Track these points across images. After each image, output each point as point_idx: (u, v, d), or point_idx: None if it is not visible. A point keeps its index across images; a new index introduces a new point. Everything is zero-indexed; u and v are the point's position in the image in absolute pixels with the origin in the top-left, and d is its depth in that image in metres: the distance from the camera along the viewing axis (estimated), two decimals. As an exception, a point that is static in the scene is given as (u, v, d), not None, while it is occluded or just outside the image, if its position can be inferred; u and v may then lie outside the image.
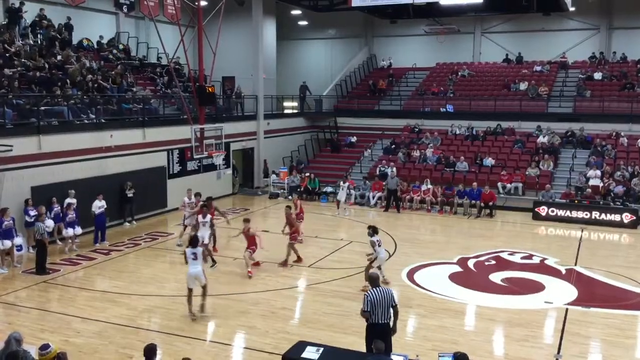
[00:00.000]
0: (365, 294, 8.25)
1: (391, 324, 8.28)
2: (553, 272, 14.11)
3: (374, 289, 8.24)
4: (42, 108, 16.56)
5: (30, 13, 21.45)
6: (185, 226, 16.26)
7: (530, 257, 15.42)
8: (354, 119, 29.67)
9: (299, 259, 14.60)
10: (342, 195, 21.33)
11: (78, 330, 10.31)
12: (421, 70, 32.44)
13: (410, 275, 13.73)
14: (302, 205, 17.17)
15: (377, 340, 7.53)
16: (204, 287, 11.09)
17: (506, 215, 20.84)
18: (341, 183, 22.01)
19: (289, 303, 12.02)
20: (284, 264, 14.33)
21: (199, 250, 10.97)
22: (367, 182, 23.34)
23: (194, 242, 11.11)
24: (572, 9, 24.76)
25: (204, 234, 14.38)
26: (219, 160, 19.71)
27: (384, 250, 13.08)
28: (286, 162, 27.13)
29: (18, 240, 14.26)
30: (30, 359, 7.00)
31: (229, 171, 23.87)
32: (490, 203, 20.79)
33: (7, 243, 13.77)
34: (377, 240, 12.60)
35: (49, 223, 14.94)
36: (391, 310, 8.22)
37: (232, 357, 9.68)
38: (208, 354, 9.47)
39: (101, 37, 24.39)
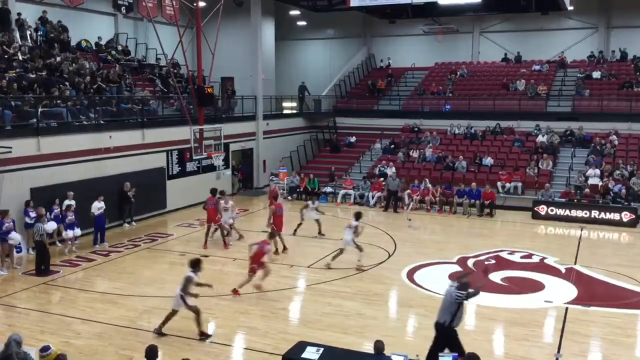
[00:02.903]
0: None
1: (448, 323, 8.41)
2: (553, 271, 14.13)
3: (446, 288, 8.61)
4: (41, 109, 16.55)
5: (32, 16, 21.47)
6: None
7: (529, 256, 15.43)
8: (353, 119, 29.67)
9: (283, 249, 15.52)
10: (408, 206, 20.85)
11: (78, 332, 10.30)
12: (420, 70, 32.46)
13: (410, 275, 13.74)
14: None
15: (378, 340, 7.62)
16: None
17: (506, 215, 20.84)
18: (403, 192, 21.27)
19: (289, 303, 12.03)
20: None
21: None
22: (367, 181, 23.33)
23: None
24: (570, 8, 24.74)
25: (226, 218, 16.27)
26: (218, 161, 19.69)
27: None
28: (285, 162, 27.12)
29: (18, 237, 14.14)
30: (30, 361, 7.00)
31: (228, 172, 23.87)
32: (488, 202, 20.80)
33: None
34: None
35: (51, 225, 14.92)
36: (451, 311, 8.34)
37: (232, 358, 9.67)
38: (208, 355, 9.47)
39: (99, 38, 24.37)
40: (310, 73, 33.25)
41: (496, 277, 13.59)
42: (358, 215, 14.64)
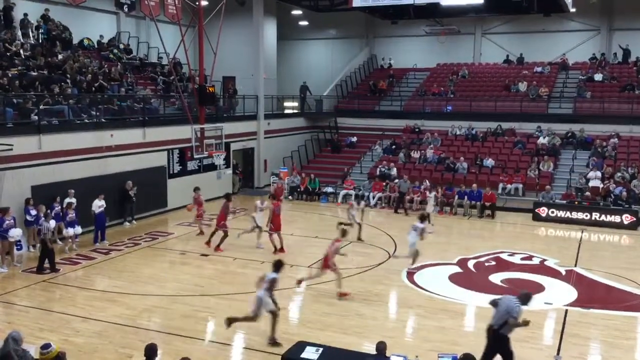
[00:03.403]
0: None
1: (497, 327, 8.43)
2: (553, 273, 14.12)
3: (505, 295, 8.80)
4: (43, 107, 16.56)
5: (35, 13, 21.49)
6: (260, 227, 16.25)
7: (530, 258, 15.43)
8: (354, 119, 29.69)
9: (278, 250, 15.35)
10: (430, 208, 19.51)
11: (78, 330, 10.31)
12: (421, 70, 32.48)
13: (410, 275, 13.73)
14: (202, 200, 17.62)
15: (380, 342, 7.68)
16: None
17: (506, 216, 20.82)
18: (429, 194, 20.24)
19: (289, 303, 12.01)
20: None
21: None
22: (370, 182, 23.32)
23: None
24: (572, 10, 24.77)
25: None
26: (219, 160, 19.70)
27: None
28: (287, 162, 27.14)
29: (19, 231, 14.08)
30: (30, 359, 6.98)
31: (229, 171, 23.88)
32: (488, 204, 20.79)
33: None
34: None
35: (51, 223, 14.92)
36: (499, 322, 8.37)
37: (231, 357, 9.68)
38: (208, 354, 9.47)
39: (101, 36, 24.40)
40: (312, 73, 33.26)
41: (496, 278, 13.60)
42: (423, 217, 14.32)
